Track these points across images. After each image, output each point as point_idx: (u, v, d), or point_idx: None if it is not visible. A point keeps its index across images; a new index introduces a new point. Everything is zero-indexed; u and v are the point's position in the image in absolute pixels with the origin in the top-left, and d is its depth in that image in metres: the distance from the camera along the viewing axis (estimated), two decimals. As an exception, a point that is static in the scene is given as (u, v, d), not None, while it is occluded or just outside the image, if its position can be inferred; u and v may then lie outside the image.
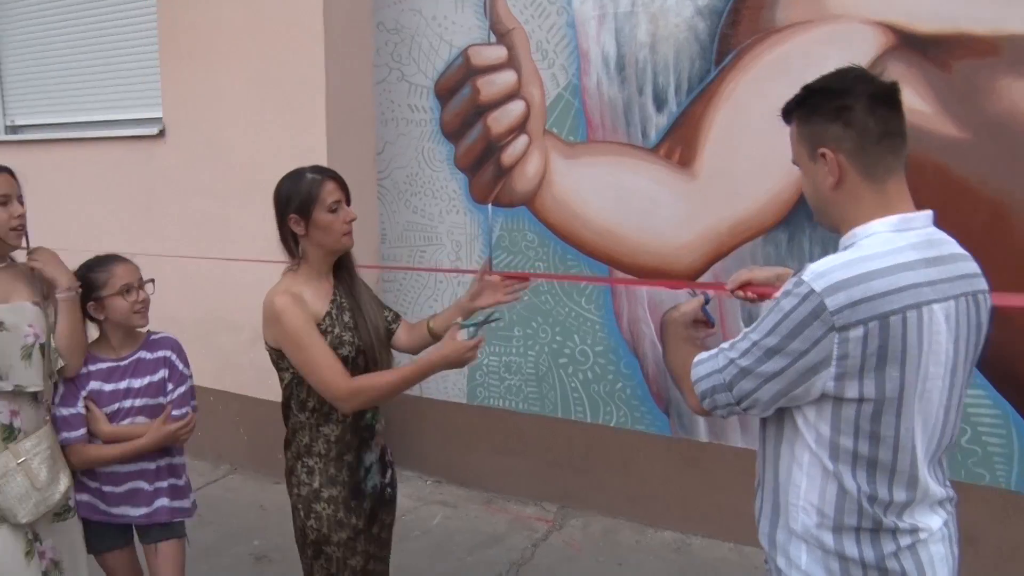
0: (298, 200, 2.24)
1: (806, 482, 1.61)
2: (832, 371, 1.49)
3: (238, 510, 2.94)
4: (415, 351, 2.57)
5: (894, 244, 1.54)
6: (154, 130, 4.75)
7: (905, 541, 1.57)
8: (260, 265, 4.46)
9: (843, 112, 1.58)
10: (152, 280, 2.66)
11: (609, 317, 4.09)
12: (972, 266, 1.62)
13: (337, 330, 2.29)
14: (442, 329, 2.48)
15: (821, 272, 1.50)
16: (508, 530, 4.08)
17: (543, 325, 4.24)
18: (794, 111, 1.67)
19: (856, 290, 1.47)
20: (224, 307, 4.61)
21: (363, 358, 2.34)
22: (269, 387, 4.54)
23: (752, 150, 3.66)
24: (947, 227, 1.64)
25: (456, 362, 2.19)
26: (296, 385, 2.30)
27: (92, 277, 2.55)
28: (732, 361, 1.60)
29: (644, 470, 4.09)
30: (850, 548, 1.57)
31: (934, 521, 1.61)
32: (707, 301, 1.95)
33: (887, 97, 1.60)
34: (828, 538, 1.58)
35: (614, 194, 3.99)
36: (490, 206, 4.28)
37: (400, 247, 4.58)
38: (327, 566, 2.35)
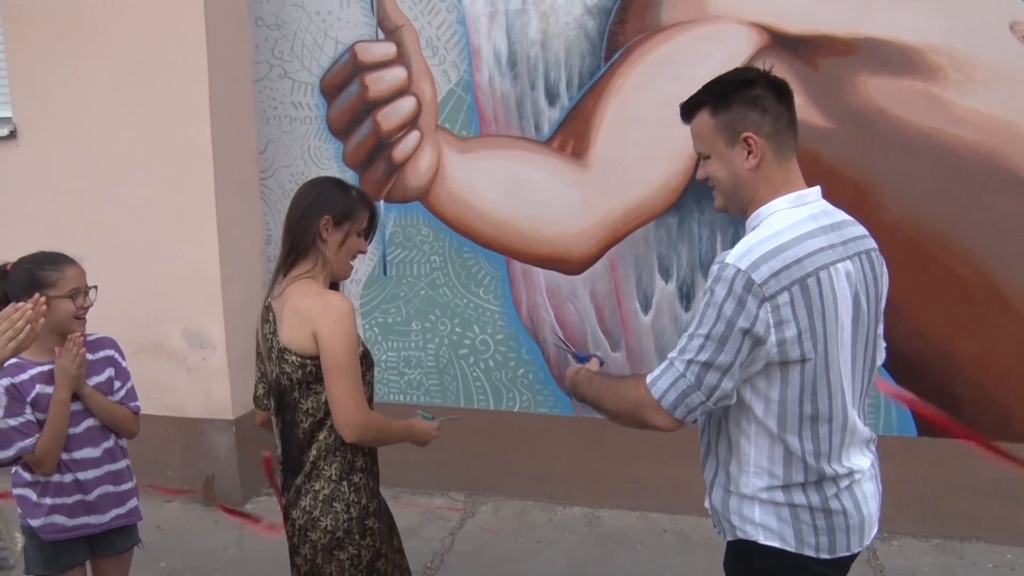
0: (342, 209, 2.18)
1: (754, 450, 1.80)
2: (773, 339, 1.67)
3: None
4: None
5: (796, 217, 1.76)
6: (3, 131, 4.38)
7: (843, 483, 1.81)
8: (136, 273, 4.26)
9: (759, 100, 1.77)
10: (95, 287, 2.54)
11: (508, 306, 4.22)
12: (860, 229, 1.88)
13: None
14: None
15: (741, 254, 1.69)
16: (421, 522, 4.11)
17: (441, 318, 4.30)
18: (706, 103, 1.81)
19: (775, 261, 1.67)
20: (99, 318, 4.33)
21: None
22: (152, 401, 4.35)
23: (641, 141, 3.91)
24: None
25: (421, 439, 2.31)
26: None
27: (40, 275, 2.40)
28: (690, 361, 1.70)
29: (549, 451, 4.25)
30: (799, 498, 1.78)
31: (864, 462, 1.86)
32: (574, 355, 2.21)
33: (785, 88, 1.83)
34: (779, 495, 1.79)
35: (509, 186, 4.12)
36: (382, 202, 4.30)
37: (287, 247, 4.49)
38: None
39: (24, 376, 2.39)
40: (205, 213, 4.14)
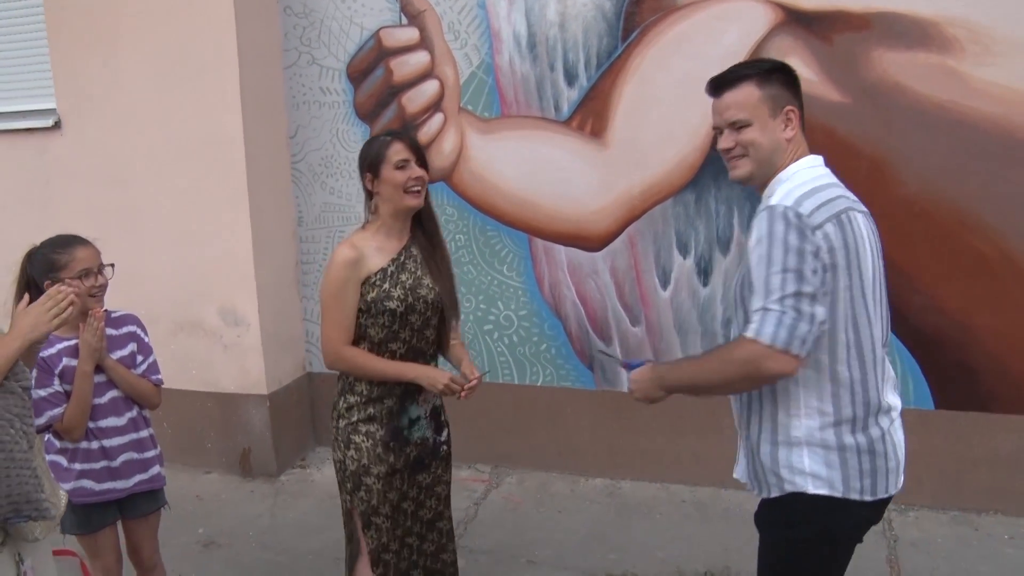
0: (370, 159, 2.48)
1: (803, 391, 1.92)
2: (828, 262, 1.84)
3: (174, 502, 3.01)
4: None
5: (816, 173, 1.99)
6: (48, 121, 4.59)
7: (884, 423, 1.93)
8: (174, 256, 4.45)
9: (793, 82, 2.03)
10: (112, 264, 2.69)
11: (531, 283, 4.32)
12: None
13: (387, 286, 2.49)
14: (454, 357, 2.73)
15: (782, 196, 1.90)
16: (448, 492, 4.26)
17: (467, 295, 4.42)
18: (751, 77, 2.00)
19: (813, 199, 1.88)
20: (140, 299, 4.53)
21: (418, 316, 2.53)
22: (192, 377, 4.57)
23: (658, 119, 3.97)
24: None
25: (430, 382, 2.48)
26: (359, 326, 2.52)
27: (53, 258, 2.56)
28: (782, 298, 1.80)
29: (572, 424, 4.36)
30: (848, 439, 1.92)
31: (897, 401, 2.01)
32: (624, 364, 2.29)
33: (798, 77, 2.07)
34: (830, 435, 1.92)
35: (530, 166, 4.22)
36: (408, 183, 4.41)
37: (317, 228, 4.64)
38: (367, 498, 2.52)
39: (52, 350, 2.57)
40: (238, 197, 4.31)
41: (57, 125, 4.60)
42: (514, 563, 3.61)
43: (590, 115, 4.09)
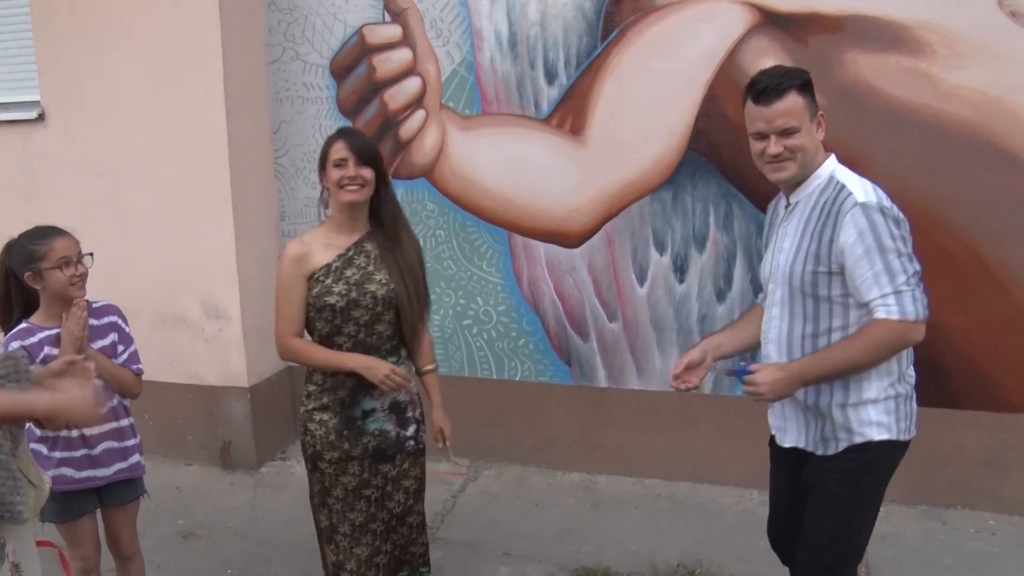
0: (320, 157, 2.62)
1: None
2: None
3: (155, 494, 3.04)
4: None
5: (848, 171, 2.29)
6: (32, 114, 4.61)
7: (910, 373, 2.33)
8: (157, 249, 4.48)
9: (813, 89, 2.27)
10: (91, 253, 2.72)
11: (509, 279, 4.38)
12: None
13: (328, 281, 2.57)
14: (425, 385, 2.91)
15: (863, 193, 2.18)
16: (427, 486, 4.29)
17: (446, 290, 4.47)
18: (794, 87, 2.21)
19: (879, 191, 2.22)
20: (122, 292, 4.55)
21: (364, 312, 2.59)
22: (173, 370, 4.60)
23: (637, 118, 4.03)
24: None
25: (370, 373, 2.57)
26: (308, 320, 2.66)
27: (32, 249, 2.60)
28: (909, 277, 2.13)
29: (549, 418, 4.41)
30: (901, 388, 2.27)
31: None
32: (729, 372, 2.42)
33: None
34: (890, 389, 2.25)
35: (510, 163, 4.27)
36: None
37: (300, 223, 4.68)
38: (321, 479, 2.69)
39: (33, 339, 2.61)
40: (221, 191, 4.34)
41: (41, 117, 4.62)
42: (490, 555, 3.66)
43: (569, 113, 4.14)
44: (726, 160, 3.93)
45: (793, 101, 2.19)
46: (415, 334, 2.74)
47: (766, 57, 3.74)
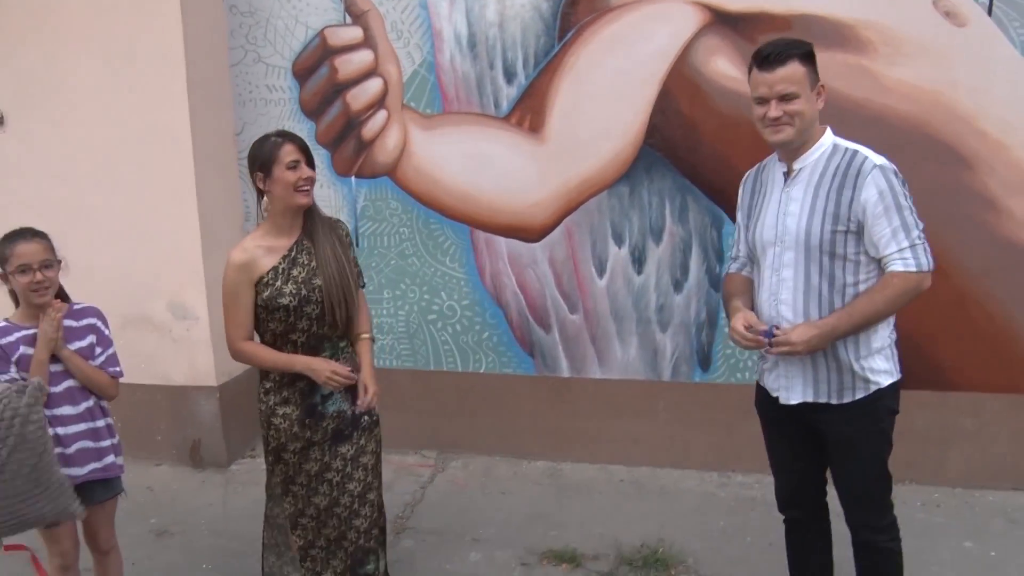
0: (261, 159, 2.62)
1: None
2: None
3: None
4: None
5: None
6: (-9, 118, 4.61)
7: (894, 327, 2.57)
8: (122, 251, 4.50)
9: (816, 62, 2.42)
10: (59, 261, 2.76)
11: (472, 273, 4.48)
12: None
13: (279, 283, 2.65)
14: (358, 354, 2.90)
15: (875, 156, 2.39)
16: (395, 478, 4.38)
17: (411, 286, 4.56)
18: (797, 56, 2.36)
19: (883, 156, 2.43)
20: (88, 294, 4.57)
21: (315, 306, 2.68)
22: (141, 371, 4.61)
23: (593, 115, 4.15)
24: (765, 174, 2.36)
25: (314, 375, 2.67)
26: (259, 321, 2.73)
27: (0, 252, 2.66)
28: (920, 233, 2.37)
29: (514, 409, 4.53)
30: (894, 335, 2.52)
31: None
32: (763, 334, 2.48)
33: None
34: (889, 338, 2.49)
35: (471, 161, 4.37)
36: (353, 178, 4.54)
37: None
38: (285, 469, 2.79)
39: (10, 338, 2.66)
40: (186, 193, 4.39)
41: (0, 121, 4.61)
42: (460, 542, 3.76)
43: (528, 111, 4.26)
44: (681, 155, 4.06)
45: (794, 69, 2.33)
46: (348, 317, 2.79)
47: (717, 55, 3.89)
